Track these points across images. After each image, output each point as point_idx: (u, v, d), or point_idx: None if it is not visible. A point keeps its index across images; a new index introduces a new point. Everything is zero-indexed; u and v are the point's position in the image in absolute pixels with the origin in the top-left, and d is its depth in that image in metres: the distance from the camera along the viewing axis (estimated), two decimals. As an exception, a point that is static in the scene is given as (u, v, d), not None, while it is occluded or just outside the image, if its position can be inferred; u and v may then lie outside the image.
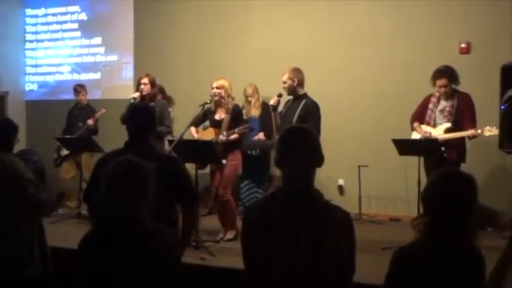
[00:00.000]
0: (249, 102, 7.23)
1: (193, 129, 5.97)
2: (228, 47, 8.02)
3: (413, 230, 2.30)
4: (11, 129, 3.80)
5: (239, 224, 5.68)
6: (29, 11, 9.75)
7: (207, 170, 6.00)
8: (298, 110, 5.36)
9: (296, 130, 2.50)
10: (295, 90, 5.48)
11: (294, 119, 5.30)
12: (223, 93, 5.76)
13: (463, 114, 5.54)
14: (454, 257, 2.22)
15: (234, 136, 5.69)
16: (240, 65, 7.79)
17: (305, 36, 7.54)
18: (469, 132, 5.39)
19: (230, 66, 7.72)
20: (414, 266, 2.22)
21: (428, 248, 2.23)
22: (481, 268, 2.29)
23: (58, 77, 9.51)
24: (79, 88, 7.76)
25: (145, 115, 3.45)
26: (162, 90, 7.19)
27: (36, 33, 9.71)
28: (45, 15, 9.60)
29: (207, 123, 6.08)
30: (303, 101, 5.39)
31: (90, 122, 7.39)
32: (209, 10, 8.16)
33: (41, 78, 9.67)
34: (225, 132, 5.67)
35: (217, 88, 5.77)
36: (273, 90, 6.01)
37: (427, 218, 2.27)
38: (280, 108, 5.64)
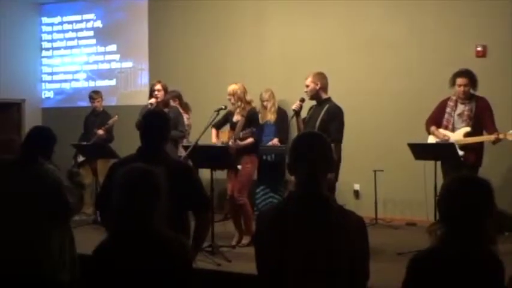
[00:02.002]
0: (265, 107, 7.24)
1: (214, 131, 6.06)
2: (244, 52, 8.05)
3: (429, 236, 2.28)
4: (52, 138, 3.83)
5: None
6: (45, 19, 9.87)
7: (224, 175, 6.02)
8: (322, 114, 5.26)
9: (306, 135, 2.51)
10: (318, 95, 5.40)
11: (317, 124, 5.20)
12: (233, 100, 5.82)
13: (482, 118, 5.51)
14: (472, 262, 2.19)
15: (244, 142, 5.71)
16: (256, 70, 7.81)
17: (322, 41, 7.54)
18: (492, 136, 5.35)
19: (246, 71, 7.74)
20: (431, 272, 2.19)
21: (445, 254, 2.20)
22: (499, 273, 2.26)
23: (74, 84, 9.61)
24: (94, 95, 7.81)
25: (159, 121, 3.46)
26: (179, 96, 7.23)
27: (52, 41, 9.83)
28: (61, 23, 9.72)
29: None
30: (327, 105, 5.32)
31: (100, 132, 7.37)
32: (224, 16, 8.20)
33: (57, 86, 9.77)
34: (231, 141, 5.72)
35: (228, 94, 5.84)
36: (289, 95, 6.02)
37: (443, 224, 2.25)
38: (304, 114, 5.57)
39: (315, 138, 2.41)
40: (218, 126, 6.10)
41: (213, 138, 6.07)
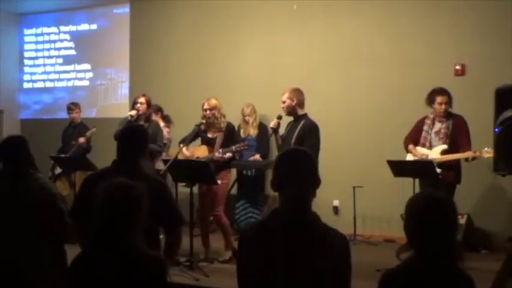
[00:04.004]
0: (247, 122, 7.24)
1: (184, 148, 5.90)
2: (224, 66, 8.07)
3: (398, 260, 2.29)
4: (27, 144, 3.65)
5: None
6: (25, 31, 9.80)
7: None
8: (297, 130, 5.32)
9: (294, 152, 2.48)
10: (295, 111, 5.44)
11: (293, 140, 5.25)
12: (216, 114, 5.80)
13: (459, 136, 5.57)
14: (440, 279, 2.20)
15: (229, 154, 5.70)
16: (236, 84, 7.82)
17: (302, 57, 7.60)
18: (468, 153, 5.40)
19: (226, 85, 7.76)
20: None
21: (412, 273, 2.21)
22: None
23: (53, 96, 9.54)
24: (72, 106, 7.78)
25: (137, 136, 3.44)
26: (159, 109, 7.21)
27: (32, 51, 9.77)
28: (42, 34, 9.67)
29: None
30: (302, 122, 5.36)
31: (81, 140, 7.38)
32: (206, 29, 8.23)
33: (36, 97, 9.69)
34: (220, 150, 5.68)
35: (210, 110, 5.80)
36: (270, 110, 6.03)
37: (410, 245, 2.26)
38: (282, 131, 5.58)
39: (301, 155, 2.40)
40: (187, 142, 5.96)
41: (185, 153, 5.89)
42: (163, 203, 3.26)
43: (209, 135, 5.88)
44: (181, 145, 5.88)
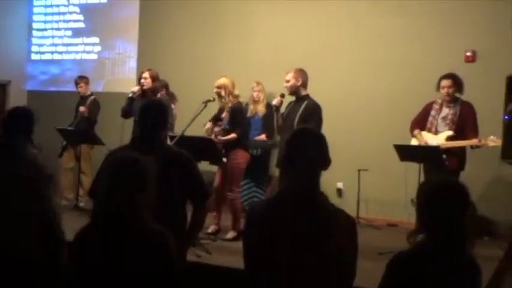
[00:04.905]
0: (256, 100, 7.21)
1: (209, 124, 5.91)
2: (231, 45, 8.03)
3: (410, 245, 2.30)
4: (32, 119, 3.60)
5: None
6: (35, 1, 9.76)
7: (210, 167, 5.98)
8: (300, 111, 5.34)
9: (306, 132, 2.47)
10: (298, 91, 5.46)
11: (296, 120, 5.29)
12: (223, 93, 5.77)
13: (466, 122, 5.53)
14: (450, 266, 2.20)
15: (225, 138, 5.69)
16: (242, 64, 7.78)
17: (310, 38, 7.54)
18: (473, 141, 5.38)
19: (233, 64, 7.72)
20: (409, 275, 2.21)
21: (424, 258, 2.22)
22: (477, 277, 2.28)
23: (61, 68, 9.52)
24: (78, 80, 7.76)
25: (157, 111, 3.42)
26: (165, 86, 7.17)
27: (40, 22, 9.73)
28: (51, 5, 9.62)
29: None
30: (305, 102, 5.38)
31: (81, 108, 7.39)
32: (217, 6, 8.16)
33: (43, 69, 9.67)
34: (213, 135, 5.70)
35: (218, 88, 5.79)
36: (277, 89, 6.00)
37: (422, 229, 2.27)
38: (282, 109, 5.61)
39: (313, 136, 2.41)
40: (216, 120, 5.94)
41: (208, 131, 5.89)
42: (189, 177, 3.26)
43: (223, 115, 5.87)
44: (209, 124, 5.88)
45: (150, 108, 3.47)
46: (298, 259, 2.21)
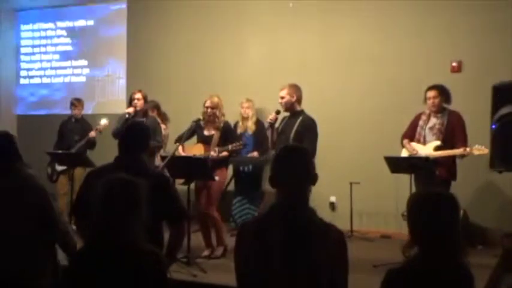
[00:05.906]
0: (245, 117, 7.24)
1: (180, 148, 5.89)
2: (222, 63, 8.06)
3: (404, 257, 2.31)
4: (13, 140, 3.56)
5: (227, 240, 5.71)
6: (22, 26, 9.78)
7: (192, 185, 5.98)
8: (296, 126, 5.36)
9: (292, 149, 2.54)
10: (293, 107, 5.49)
11: (291, 136, 5.30)
12: (217, 113, 5.78)
13: (454, 132, 5.58)
14: (443, 275, 2.22)
15: (225, 153, 5.70)
16: (233, 81, 7.82)
17: (300, 53, 7.60)
18: (458, 151, 5.43)
19: (223, 82, 7.76)
20: (405, 286, 2.22)
21: (419, 269, 2.23)
22: (470, 286, 2.30)
23: (50, 91, 9.50)
24: (76, 102, 7.70)
25: (139, 131, 3.47)
26: (157, 107, 7.18)
27: (28, 46, 9.74)
28: (38, 29, 9.63)
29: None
30: (300, 117, 5.40)
31: (92, 134, 7.29)
32: (203, 25, 8.21)
33: (32, 93, 9.66)
34: (216, 149, 5.67)
35: (212, 108, 5.77)
36: (267, 106, 6.04)
37: (414, 242, 2.28)
38: (276, 125, 5.62)
39: (298, 152, 2.45)
40: (183, 140, 5.92)
41: (180, 152, 5.86)
42: (168, 197, 3.28)
43: (205, 132, 5.85)
44: (177, 144, 5.87)
45: (132, 129, 3.52)
46: (289, 273, 2.23)
